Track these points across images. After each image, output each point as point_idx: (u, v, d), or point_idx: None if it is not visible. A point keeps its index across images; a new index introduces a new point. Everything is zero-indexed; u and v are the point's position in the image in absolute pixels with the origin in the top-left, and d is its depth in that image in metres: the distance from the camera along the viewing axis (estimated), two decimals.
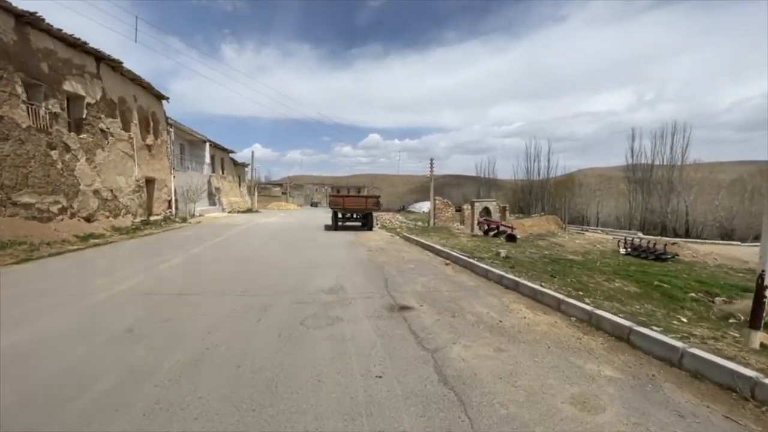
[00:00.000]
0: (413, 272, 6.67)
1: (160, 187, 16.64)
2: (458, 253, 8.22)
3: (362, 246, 10.24)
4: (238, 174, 33.01)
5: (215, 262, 7.37)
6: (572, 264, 8.81)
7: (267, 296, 4.80)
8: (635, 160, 50.67)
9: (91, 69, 12.15)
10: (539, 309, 4.39)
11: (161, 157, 16.97)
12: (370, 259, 8.10)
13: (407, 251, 9.47)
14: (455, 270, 6.99)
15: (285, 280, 5.81)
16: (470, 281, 5.99)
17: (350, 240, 11.58)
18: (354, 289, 5.30)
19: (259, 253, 8.51)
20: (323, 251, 9.16)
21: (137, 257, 7.69)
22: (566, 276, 6.77)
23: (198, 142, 23.61)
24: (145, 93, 15.98)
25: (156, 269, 6.45)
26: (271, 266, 6.97)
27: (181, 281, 5.63)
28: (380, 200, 14.97)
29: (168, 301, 4.54)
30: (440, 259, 8.33)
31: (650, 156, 49.08)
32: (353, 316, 4.06)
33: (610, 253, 12.15)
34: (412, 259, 8.14)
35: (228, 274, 6.13)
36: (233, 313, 4.07)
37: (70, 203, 10.75)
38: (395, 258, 8.27)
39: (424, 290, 5.31)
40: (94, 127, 12.19)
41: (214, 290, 5.08)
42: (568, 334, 3.58)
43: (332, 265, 7.24)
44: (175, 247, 9.27)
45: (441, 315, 4.12)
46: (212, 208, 23.28)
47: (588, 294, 5.30)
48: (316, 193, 75.46)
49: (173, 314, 4.00)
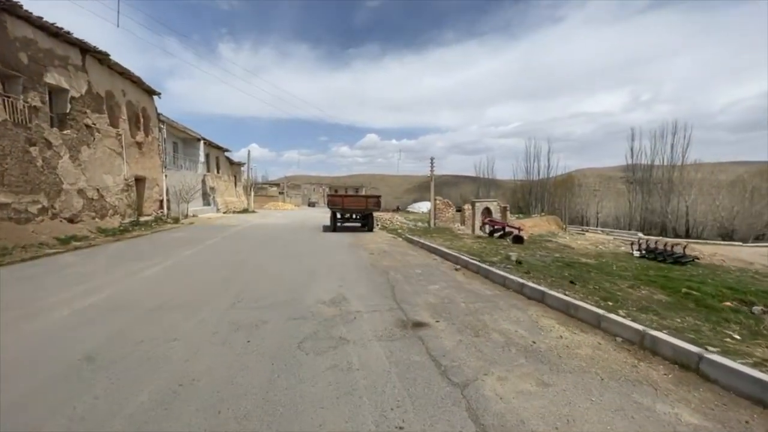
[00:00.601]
0: (421, 279, 6.07)
1: (150, 186, 15.94)
2: (467, 256, 7.63)
3: (363, 249, 9.63)
4: (234, 173, 32.28)
5: (204, 268, 6.73)
6: (588, 268, 8.25)
7: (259, 310, 4.18)
8: (635, 160, 50.41)
9: (75, 61, 11.46)
10: (574, 326, 3.80)
11: (152, 155, 16.27)
12: (373, 263, 7.49)
13: (412, 254, 8.88)
14: (467, 276, 6.40)
15: (280, 289, 5.19)
16: (486, 290, 5.39)
17: (350, 242, 10.97)
18: (358, 300, 4.70)
19: (252, 258, 7.89)
20: (322, 255, 8.55)
21: (119, 262, 7.04)
22: (587, 282, 6.21)
23: (192, 140, 22.90)
24: (135, 88, 15.28)
25: (137, 276, 5.81)
26: (266, 273, 6.35)
27: (164, 291, 5.00)
28: (381, 200, 14.38)
29: (144, 317, 3.91)
30: (448, 263, 7.74)
31: (650, 156, 48.77)
32: (360, 335, 3.45)
33: (623, 256, 11.62)
34: (419, 264, 7.55)
35: (217, 283, 5.50)
36: (219, 333, 3.46)
37: (52, 203, 10.06)
38: (400, 262, 7.67)
39: (438, 301, 4.72)
40: (78, 122, 11.50)
41: (200, 302, 4.46)
42: (619, 360, 2.99)
43: (332, 271, 6.63)
44: (162, 250, 8.62)
45: (462, 334, 3.53)
46: (207, 209, 22.58)
47: (618, 304, 4.74)
48: (314, 193, 74.70)
49: (147, 334, 3.38)
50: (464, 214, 29.78)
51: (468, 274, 6.57)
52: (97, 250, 8.46)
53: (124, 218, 13.33)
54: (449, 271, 6.81)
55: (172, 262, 7.16)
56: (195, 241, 10.27)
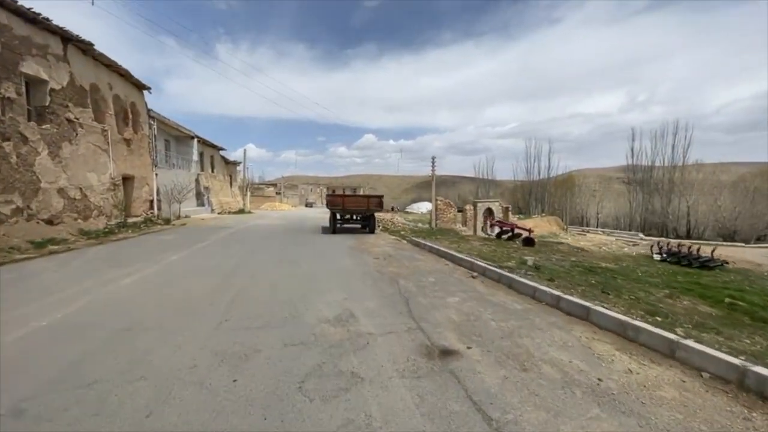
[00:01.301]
0: (437, 289, 5.35)
1: (140, 185, 15.12)
2: (483, 262, 6.93)
3: (367, 253, 8.90)
4: (229, 173, 31.41)
5: (191, 276, 5.97)
6: (612, 274, 7.58)
7: (251, 332, 3.45)
8: (635, 160, 50.02)
9: (56, 50, 10.65)
10: (638, 353, 3.10)
11: (142, 152, 15.45)
12: (379, 270, 6.77)
13: (420, 259, 8.16)
14: (487, 285, 5.69)
15: (276, 303, 4.46)
16: (514, 303, 4.69)
17: (352, 245, 10.24)
18: (369, 317, 3.97)
19: (246, 263, 7.13)
20: (323, 260, 7.81)
21: (96, 269, 6.27)
22: (619, 292, 5.53)
23: (185, 138, 22.06)
24: (124, 82, 14.45)
25: (112, 287, 5.05)
26: (260, 282, 5.61)
27: (140, 306, 4.25)
28: (383, 200, 13.65)
29: (109, 342, 3.17)
30: (462, 269, 7.03)
31: (651, 156, 48.41)
32: (377, 370, 2.73)
33: (643, 259, 10.98)
34: (430, 270, 6.83)
35: (204, 295, 4.75)
36: (199, 367, 2.72)
37: (27, 203, 9.24)
38: (409, 268, 6.95)
39: (462, 318, 4.00)
40: (59, 116, 10.69)
41: (180, 321, 3.72)
42: (721, 407, 2.29)
43: (335, 279, 5.90)
44: (148, 254, 7.84)
45: (505, 366, 2.81)
46: (200, 209, 21.75)
47: (669, 320, 4.05)
48: (311, 194, 73.87)
49: (106, 370, 2.64)
50: (466, 214, 29.15)
51: (488, 283, 5.86)
52: (75, 255, 7.67)
53: (110, 219, 12.51)
54: (465, 279, 6.10)
55: (155, 269, 6.40)
56: (184, 245, 9.49)
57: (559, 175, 53.03)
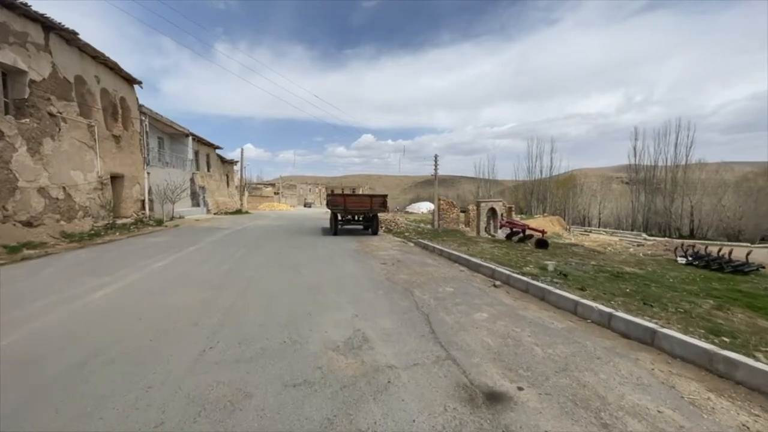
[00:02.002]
0: (458, 301, 4.66)
1: (130, 184, 14.35)
2: (504, 268, 6.23)
3: (372, 257, 8.19)
4: (226, 172, 30.60)
5: (176, 286, 5.25)
6: (643, 280, 6.91)
7: (240, 366, 2.74)
8: (638, 159, 49.50)
9: (36, 39, 9.89)
10: (741, 396, 2.41)
11: (132, 150, 14.67)
12: (390, 277, 6.06)
13: (432, 264, 7.46)
14: (514, 297, 4.99)
15: (274, 322, 3.74)
16: (552, 320, 3.99)
17: (356, 248, 9.53)
18: (385, 341, 3.27)
19: (240, 270, 6.41)
20: (325, 265, 7.10)
21: (69, 279, 5.53)
22: (663, 303, 4.84)
23: (179, 135, 21.27)
24: (113, 75, 13.69)
25: (79, 303, 4.32)
26: (255, 293, 4.89)
27: (107, 329, 3.53)
28: (387, 200, 12.93)
29: (52, 385, 2.45)
30: (481, 276, 6.33)
31: (653, 155, 47.89)
32: (407, 429, 2.02)
33: (665, 263, 10.30)
34: (445, 277, 6.13)
35: (187, 313, 4.03)
36: (166, 424, 2.01)
37: (2, 204, 8.49)
38: (421, 275, 6.25)
39: (498, 342, 3.30)
40: (40, 110, 9.93)
41: (154, 350, 3.00)
42: None
43: (340, 289, 5.19)
44: (132, 260, 7.11)
45: (578, 421, 2.11)
46: (195, 210, 20.97)
47: (739, 342, 3.37)
48: (310, 194, 73.06)
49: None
50: (469, 214, 28.45)
51: (514, 293, 5.16)
52: (49, 261, 6.93)
53: (97, 220, 11.75)
54: (488, 289, 5.40)
55: (136, 277, 5.67)
56: (175, 248, 8.75)
57: (561, 174, 52.46)
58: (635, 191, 49.88)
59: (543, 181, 51.34)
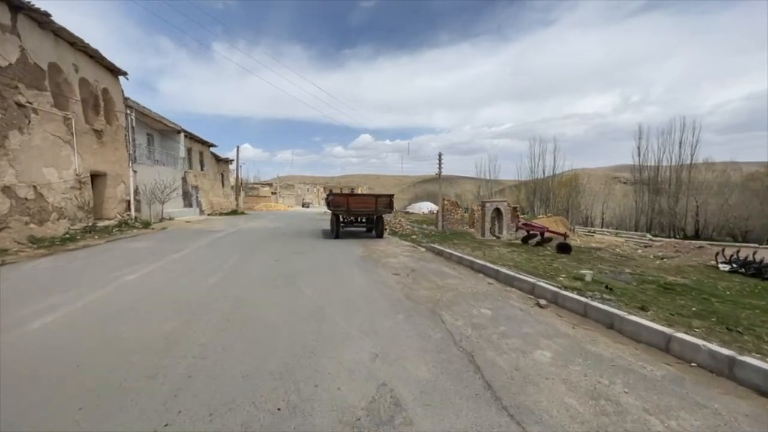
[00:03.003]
0: (503, 330, 3.62)
1: (113, 183, 13.22)
2: (545, 282, 5.21)
3: (382, 265, 7.15)
4: (221, 171, 29.42)
5: (143, 309, 4.18)
6: (700, 294, 5.92)
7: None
8: (642, 159, 48.66)
9: (1, 19, 8.78)
10: None
11: (116, 146, 13.54)
12: (408, 293, 5.03)
13: (451, 274, 6.43)
14: (568, 320, 3.97)
15: (263, 371, 2.69)
16: (643, 362, 2.97)
17: (362, 254, 8.49)
18: (426, 407, 2.23)
19: (226, 285, 5.35)
20: (329, 276, 6.05)
21: (9, 299, 4.46)
22: (748, 327, 3.85)
23: (170, 132, 20.12)
24: (94, 64, 12.56)
25: (6, 337, 3.26)
26: (241, 321, 3.83)
27: (25, 385, 2.47)
28: (393, 200, 11.89)
29: None
30: (515, 291, 5.30)
31: (657, 154, 47.12)
32: None
33: (704, 269, 9.34)
34: (473, 292, 5.11)
35: (146, 356, 2.96)
36: None
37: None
38: (444, 290, 5.22)
39: (591, 408, 2.27)
40: (6, 99, 8.82)
41: (73, 425, 1.95)
42: None
43: (351, 312, 4.14)
44: (101, 271, 6.03)
45: None
46: (188, 210, 19.84)
47: None
48: (308, 194, 71.88)
49: None
50: (473, 215, 27.46)
51: (569, 317, 4.13)
52: (4, 272, 5.83)
53: (74, 223, 10.64)
54: (533, 311, 4.37)
55: (96, 296, 4.60)
56: (155, 255, 7.68)
57: (565, 172, 51.60)
58: (639, 191, 49.10)
59: (546, 180, 50.41)
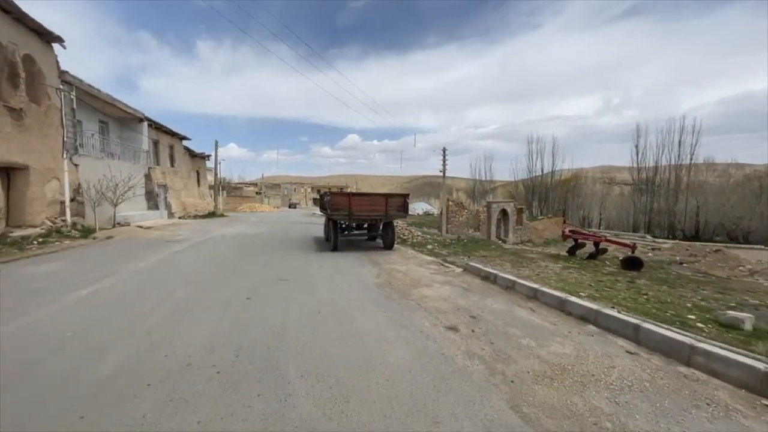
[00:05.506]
0: None
1: (40, 180, 10.18)
2: (750, 359, 2.72)
3: (418, 306, 4.54)
4: (196, 168, 26.18)
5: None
6: None
7: None
8: (640, 158, 47.54)
9: None
10: None
11: (46, 131, 10.50)
12: (511, 398, 2.45)
13: (545, 328, 3.88)
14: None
15: None
16: None
17: (376, 280, 5.86)
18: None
19: (140, 372, 2.65)
20: (336, 344, 3.41)
21: None
22: None
23: (130, 120, 16.97)
24: (12, 23, 9.52)
25: None
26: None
27: None
28: (408, 202, 9.26)
29: None
30: (678, 366, 2.79)
31: (656, 154, 46.10)
32: None
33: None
34: (621, 386, 2.57)
35: None
36: None
37: None
38: (555, 375, 2.67)
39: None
40: None
41: None
42: None
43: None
44: None
45: None
46: (152, 213, 16.75)
47: None
48: (295, 194, 68.57)
49: None
50: (479, 217, 25.15)
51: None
52: None
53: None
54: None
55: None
56: (52, 291, 4.86)
57: (565, 170, 50.12)
58: (637, 191, 48.04)
59: (544, 181, 48.80)
